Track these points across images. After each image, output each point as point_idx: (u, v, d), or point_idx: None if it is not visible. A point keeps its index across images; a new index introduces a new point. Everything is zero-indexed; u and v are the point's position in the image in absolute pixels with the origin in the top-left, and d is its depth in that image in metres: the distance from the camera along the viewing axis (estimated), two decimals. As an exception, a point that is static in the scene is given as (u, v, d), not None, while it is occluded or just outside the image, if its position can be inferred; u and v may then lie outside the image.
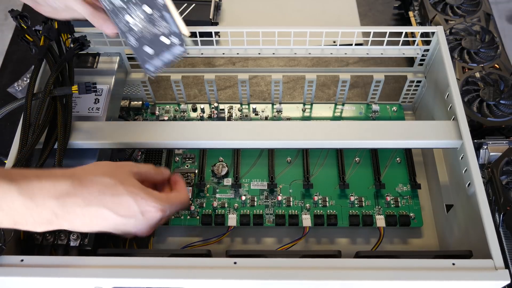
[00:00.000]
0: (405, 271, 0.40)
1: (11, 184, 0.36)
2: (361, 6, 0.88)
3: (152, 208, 0.41)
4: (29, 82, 0.50)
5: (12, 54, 0.80)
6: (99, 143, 0.51)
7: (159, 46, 0.49)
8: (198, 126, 0.52)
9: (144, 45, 0.48)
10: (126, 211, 0.40)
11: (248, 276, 0.40)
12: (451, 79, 0.54)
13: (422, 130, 0.52)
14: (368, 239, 0.58)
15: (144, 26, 0.48)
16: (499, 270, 0.40)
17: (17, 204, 0.36)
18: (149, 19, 0.48)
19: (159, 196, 0.42)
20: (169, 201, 0.43)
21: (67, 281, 0.40)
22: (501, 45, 0.70)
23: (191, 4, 0.80)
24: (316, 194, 0.60)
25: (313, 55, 0.61)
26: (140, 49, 0.48)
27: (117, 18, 0.47)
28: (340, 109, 0.68)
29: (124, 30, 0.48)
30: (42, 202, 0.37)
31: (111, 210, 0.39)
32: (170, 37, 0.49)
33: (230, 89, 0.75)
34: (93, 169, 0.41)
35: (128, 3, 0.47)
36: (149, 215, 0.41)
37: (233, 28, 0.59)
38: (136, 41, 0.48)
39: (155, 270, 0.40)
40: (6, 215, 0.37)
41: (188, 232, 0.59)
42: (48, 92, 0.49)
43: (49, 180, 0.38)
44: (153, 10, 0.48)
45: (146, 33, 0.48)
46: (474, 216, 0.46)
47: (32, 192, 0.37)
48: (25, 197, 0.36)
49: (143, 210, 0.40)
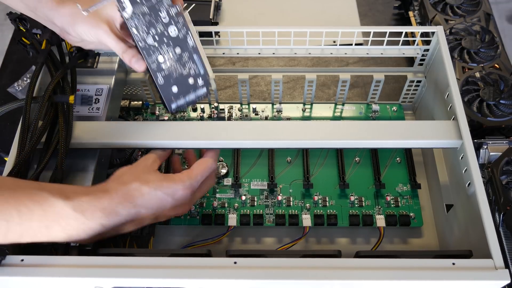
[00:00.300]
0: (405, 271, 0.40)
1: (66, 202, 0.41)
2: (361, 6, 0.88)
3: (178, 190, 0.46)
4: (29, 86, 0.50)
5: (12, 54, 0.80)
6: (99, 143, 0.51)
7: (184, 86, 0.51)
8: (198, 126, 0.52)
9: (171, 84, 0.50)
10: (158, 203, 0.45)
11: (248, 276, 0.40)
12: (451, 79, 0.54)
13: (422, 130, 0.52)
14: (368, 239, 0.58)
15: (173, 66, 0.50)
16: (499, 270, 0.40)
17: (72, 219, 0.41)
18: (178, 60, 0.50)
19: (179, 177, 0.47)
20: (190, 176, 0.47)
21: (67, 281, 0.41)
22: (501, 45, 0.70)
23: (191, 4, 0.80)
24: (316, 194, 0.60)
25: (313, 55, 0.61)
26: (166, 87, 0.50)
27: (149, 57, 0.48)
28: (340, 109, 0.68)
29: (153, 68, 0.49)
30: (91, 216, 0.42)
31: (146, 209, 0.45)
32: (196, 78, 0.51)
33: (230, 89, 0.75)
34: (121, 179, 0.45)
35: (161, 43, 0.48)
36: (179, 196, 0.46)
37: (233, 28, 0.59)
38: (163, 79, 0.50)
39: (155, 270, 0.40)
40: (62, 230, 0.41)
41: (188, 232, 0.59)
42: (47, 98, 0.50)
43: (94, 196, 0.43)
44: (184, 51, 0.50)
45: (174, 72, 0.50)
46: (474, 216, 0.46)
47: (83, 208, 0.41)
48: (78, 212, 0.41)
49: (172, 195, 0.46)
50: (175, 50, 0.49)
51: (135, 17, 0.47)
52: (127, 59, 0.48)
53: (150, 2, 0.47)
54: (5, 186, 0.40)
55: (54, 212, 0.40)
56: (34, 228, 0.39)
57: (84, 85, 0.57)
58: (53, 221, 0.40)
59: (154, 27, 0.48)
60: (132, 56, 0.48)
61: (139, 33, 0.47)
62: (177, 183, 0.46)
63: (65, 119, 0.50)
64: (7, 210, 0.38)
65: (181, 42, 0.50)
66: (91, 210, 0.42)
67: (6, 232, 0.38)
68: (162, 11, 0.48)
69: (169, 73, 0.50)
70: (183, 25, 0.49)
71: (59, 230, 0.41)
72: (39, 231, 0.40)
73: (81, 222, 0.41)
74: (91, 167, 0.52)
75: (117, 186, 0.45)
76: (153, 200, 0.45)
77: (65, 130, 0.50)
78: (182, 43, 0.50)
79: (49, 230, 0.40)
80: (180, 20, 0.49)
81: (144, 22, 0.47)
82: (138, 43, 0.47)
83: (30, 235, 0.40)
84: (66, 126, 0.50)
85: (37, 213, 0.39)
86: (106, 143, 0.51)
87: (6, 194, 0.38)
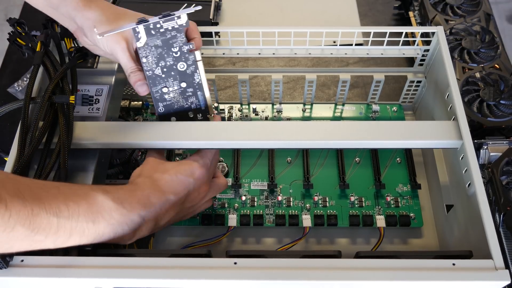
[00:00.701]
0: (405, 271, 0.40)
1: (106, 195, 0.41)
2: (361, 6, 0.88)
3: (195, 169, 0.48)
4: (27, 88, 0.50)
5: (12, 54, 0.80)
6: (99, 143, 0.51)
7: (183, 118, 0.52)
8: (198, 126, 0.52)
9: (170, 114, 0.52)
10: (182, 186, 0.47)
11: (248, 277, 0.40)
12: (451, 79, 0.54)
13: (422, 130, 0.52)
14: (368, 239, 0.58)
15: (176, 98, 0.51)
16: (499, 270, 0.40)
17: (114, 211, 0.41)
18: (182, 93, 0.51)
19: (192, 158, 0.50)
20: (201, 155, 0.50)
21: (67, 282, 0.40)
22: (501, 45, 0.70)
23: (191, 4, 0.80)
24: (316, 194, 0.60)
25: (313, 55, 0.61)
26: (165, 116, 0.52)
27: (154, 86, 0.50)
28: (340, 109, 0.68)
29: (156, 97, 0.51)
30: (130, 207, 0.43)
31: (174, 194, 0.46)
32: (196, 113, 0.53)
33: (230, 89, 0.75)
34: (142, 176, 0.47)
35: (168, 76, 0.50)
36: (198, 175, 0.48)
37: (233, 28, 0.59)
38: (164, 109, 0.51)
39: (155, 270, 0.40)
40: (107, 225, 0.41)
41: (188, 232, 0.59)
42: (47, 98, 0.50)
43: (128, 190, 0.44)
44: (189, 87, 0.51)
45: (175, 104, 0.52)
46: (474, 216, 0.46)
47: (122, 199, 0.42)
48: (118, 203, 0.42)
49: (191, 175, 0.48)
50: (180, 84, 0.51)
51: (147, 48, 0.48)
52: (132, 80, 0.50)
53: (165, 36, 0.48)
54: (51, 185, 0.40)
55: (97, 205, 0.40)
56: (82, 223, 0.39)
57: (84, 85, 0.57)
58: (98, 214, 0.40)
59: (164, 60, 0.49)
60: (138, 79, 0.50)
61: (149, 63, 0.49)
62: (192, 163, 0.49)
63: (66, 119, 0.50)
64: (56, 205, 0.37)
65: (188, 77, 0.51)
66: (129, 201, 0.43)
67: (57, 229, 0.37)
68: (175, 46, 0.49)
69: (171, 103, 0.52)
70: (193, 62, 0.50)
71: (104, 225, 0.41)
72: (86, 226, 0.39)
73: (122, 213, 0.42)
74: (91, 167, 0.52)
75: (143, 180, 0.46)
76: (178, 185, 0.47)
77: (66, 130, 0.50)
78: (188, 79, 0.51)
79: (95, 225, 0.40)
80: (191, 57, 0.50)
81: (155, 53, 0.49)
82: (145, 72, 0.49)
83: (79, 232, 0.39)
84: (67, 126, 0.50)
85: (83, 207, 0.39)
86: (106, 143, 0.51)
87: (54, 191, 0.39)
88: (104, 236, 0.41)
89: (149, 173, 0.47)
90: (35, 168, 0.49)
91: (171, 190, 0.46)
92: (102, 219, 0.40)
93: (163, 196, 0.45)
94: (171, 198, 0.46)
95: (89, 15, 0.49)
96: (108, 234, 0.41)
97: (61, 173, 0.48)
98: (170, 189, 0.46)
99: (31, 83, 0.50)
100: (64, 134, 0.49)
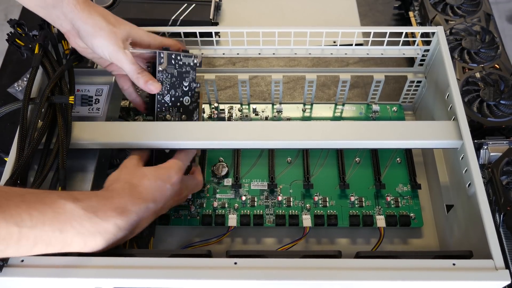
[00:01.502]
0: (405, 271, 0.40)
1: (76, 203, 0.40)
2: (361, 6, 0.88)
3: (172, 175, 0.48)
4: (25, 91, 0.50)
5: (12, 54, 0.80)
6: (99, 143, 0.51)
7: None
8: (198, 126, 0.52)
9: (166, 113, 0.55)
10: (161, 193, 0.47)
11: (249, 277, 0.40)
12: (451, 79, 0.54)
13: (422, 130, 0.52)
14: (368, 239, 0.58)
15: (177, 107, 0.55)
16: (499, 270, 0.40)
17: (85, 221, 0.40)
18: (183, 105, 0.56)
19: (168, 164, 0.50)
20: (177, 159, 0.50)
21: (67, 282, 0.40)
22: (501, 45, 0.70)
23: (191, 4, 0.80)
24: (316, 194, 0.60)
25: (313, 55, 0.61)
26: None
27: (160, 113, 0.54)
28: (340, 109, 0.68)
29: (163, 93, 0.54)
30: (105, 216, 0.41)
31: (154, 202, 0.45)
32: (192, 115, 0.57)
33: (230, 89, 0.75)
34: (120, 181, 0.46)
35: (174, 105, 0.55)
36: (175, 180, 0.48)
37: (233, 28, 0.59)
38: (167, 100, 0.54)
39: (155, 270, 0.40)
40: (76, 234, 0.39)
41: (188, 233, 0.59)
42: (45, 99, 0.50)
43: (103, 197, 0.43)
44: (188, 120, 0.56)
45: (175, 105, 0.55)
46: (474, 216, 0.46)
47: (95, 208, 0.41)
48: (90, 212, 0.40)
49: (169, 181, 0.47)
50: (181, 116, 0.55)
51: (165, 73, 0.53)
52: (142, 81, 0.51)
53: (180, 69, 0.54)
54: (14, 193, 0.38)
55: (65, 214, 0.39)
56: (47, 232, 0.38)
57: (84, 85, 0.57)
58: (66, 223, 0.38)
59: (175, 90, 0.54)
60: (149, 78, 0.51)
61: (162, 88, 0.53)
62: (169, 169, 0.49)
63: (64, 119, 0.50)
64: (18, 214, 0.36)
65: (189, 112, 0.56)
66: (103, 210, 0.41)
67: (19, 239, 0.36)
68: (186, 81, 0.55)
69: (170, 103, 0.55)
70: (196, 100, 0.57)
71: (73, 234, 0.39)
72: (53, 235, 0.38)
73: (95, 222, 0.40)
74: (91, 167, 0.52)
75: (121, 186, 0.45)
76: (156, 191, 0.46)
77: (65, 131, 0.50)
78: (188, 113, 0.56)
79: (63, 234, 0.38)
80: (195, 95, 0.57)
81: (169, 81, 0.53)
82: (157, 96, 0.53)
83: (44, 241, 0.38)
84: (65, 126, 0.50)
85: (49, 215, 0.38)
86: (106, 143, 0.51)
87: (16, 199, 0.37)
88: (73, 245, 0.40)
89: (127, 179, 0.46)
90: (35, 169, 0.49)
91: (151, 197, 0.45)
92: (71, 228, 0.39)
93: (143, 203, 0.44)
94: (150, 206, 0.45)
95: (89, 21, 0.48)
96: (78, 244, 0.40)
97: (60, 173, 0.48)
98: (149, 196, 0.45)
99: (30, 85, 0.50)
100: (62, 134, 0.49)
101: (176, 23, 0.78)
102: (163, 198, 0.47)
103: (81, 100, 0.56)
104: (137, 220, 0.44)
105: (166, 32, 0.58)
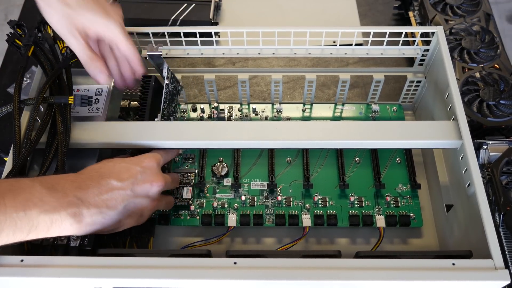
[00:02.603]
0: (405, 271, 0.40)
1: (33, 181, 0.40)
2: (361, 6, 0.88)
3: (143, 159, 0.48)
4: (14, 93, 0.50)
5: (12, 54, 0.80)
6: (99, 143, 0.51)
7: None
8: (198, 126, 0.52)
9: None
10: (127, 173, 0.45)
11: (248, 276, 0.40)
12: (451, 79, 0.54)
13: (422, 130, 0.52)
14: (368, 239, 0.58)
15: None
16: (499, 270, 0.40)
17: (45, 195, 0.39)
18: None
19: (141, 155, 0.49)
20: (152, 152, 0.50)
21: (67, 281, 0.41)
22: (501, 45, 0.70)
23: (191, 4, 0.80)
24: (316, 194, 0.60)
25: (313, 55, 0.61)
26: None
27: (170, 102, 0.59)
28: (340, 109, 0.68)
29: None
30: (63, 190, 0.40)
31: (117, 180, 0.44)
32: None
33: (230, 89, 0.75)
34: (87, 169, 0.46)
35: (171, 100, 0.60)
36: (146, 164, 0.48)
37: (233, 28, 0.59)
38: None
39: (155, 270, 0.40)
40: (41, 212, 0.38)
41: (188, 232, 0.59)
42: (41, 100, 0.50)
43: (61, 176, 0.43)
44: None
45: None
46: (474, 216, 0.46)
47: (52, 182, 0.41)
48: (48, 187, 0.40)
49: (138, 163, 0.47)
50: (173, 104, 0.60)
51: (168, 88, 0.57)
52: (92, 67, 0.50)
53: (173, 91, 0.60)
54: None
55: (25, 192, 0.38)
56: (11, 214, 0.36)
57: (84, 85, 0.57)
58: (28, 202, 0.38)
59: (170, 106, 0.59)
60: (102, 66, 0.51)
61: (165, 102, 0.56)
62: (141, 156, 0.49)
63: (63, 119, 0.50)
64: None
65: None
66: (61, 184, 0.41)
67: None
68: (174, 102, 0.61)
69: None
70: None
71: (37, 212, 0.38)
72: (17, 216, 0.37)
73: (55, 197, 0.39)
74: (91, 167, 0.52)
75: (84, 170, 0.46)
76: (120, 171, 0.45)
77: (64, 131, 0.50)
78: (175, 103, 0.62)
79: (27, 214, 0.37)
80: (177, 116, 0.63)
81: (169, 95, 0.58)
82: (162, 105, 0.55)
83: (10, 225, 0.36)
84: (65, 126, 0.50)
85: (9, 197, 0.37)
86: (106, 143, 0.51)
87: None
88: (40, 226, 0.38)
89: (94, 166, 0.46)
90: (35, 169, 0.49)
91: (113, 175, 0.44)
92: (34, 206, 0.38)
93: (102, 179, 0.43)
94: (112, 182, 0.44)
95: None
96: (45, 223, 0.38)
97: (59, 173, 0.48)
98: (110, 174, 0.44)
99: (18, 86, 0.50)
100: (61, 134, 0.49)
101: (176, 23, 0.78)
102: (130, 177, 0.45)
103: (81, 100, 0.56)
104: (99, 195, 0.42)
105: (166, 32, 0.59)
